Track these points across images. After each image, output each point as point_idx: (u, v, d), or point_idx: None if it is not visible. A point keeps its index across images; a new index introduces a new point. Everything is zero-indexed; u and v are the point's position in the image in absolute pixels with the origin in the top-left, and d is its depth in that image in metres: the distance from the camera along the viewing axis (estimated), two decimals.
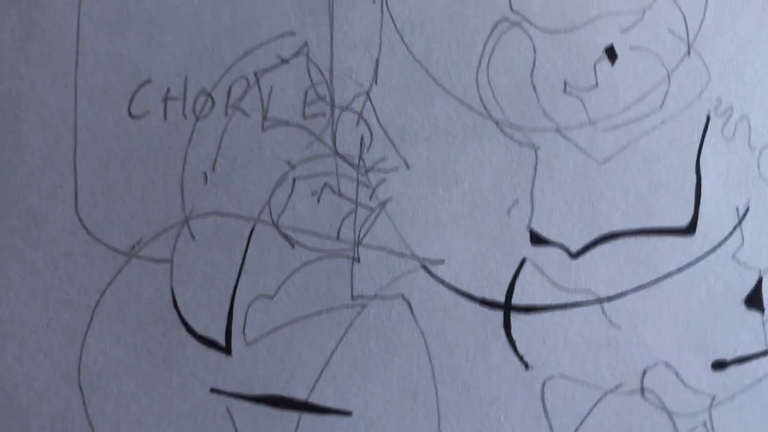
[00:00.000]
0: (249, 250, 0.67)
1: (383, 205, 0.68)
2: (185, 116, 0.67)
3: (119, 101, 0.66)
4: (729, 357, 0.69)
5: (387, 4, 0.69)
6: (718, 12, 0.70)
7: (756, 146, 0.70)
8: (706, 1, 0.71)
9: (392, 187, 0.68)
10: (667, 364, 0.68)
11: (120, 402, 0.66)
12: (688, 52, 0.70)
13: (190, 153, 0.67)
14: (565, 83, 0.69)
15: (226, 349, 0.66)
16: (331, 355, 0.67)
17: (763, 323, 0.69)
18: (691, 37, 0.70)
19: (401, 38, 0.69)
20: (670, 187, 0.69)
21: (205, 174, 0.67)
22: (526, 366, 0.68)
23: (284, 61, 0.68)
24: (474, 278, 0.68)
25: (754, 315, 0.69)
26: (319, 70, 0.68)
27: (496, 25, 0.69)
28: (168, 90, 0.67)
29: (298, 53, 0.68)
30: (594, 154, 0.69)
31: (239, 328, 0.66)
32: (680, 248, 0.69)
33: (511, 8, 0.69)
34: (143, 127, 0.66)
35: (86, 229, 0.66)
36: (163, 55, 0.66)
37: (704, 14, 0.71)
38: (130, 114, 0.66)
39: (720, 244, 0.69)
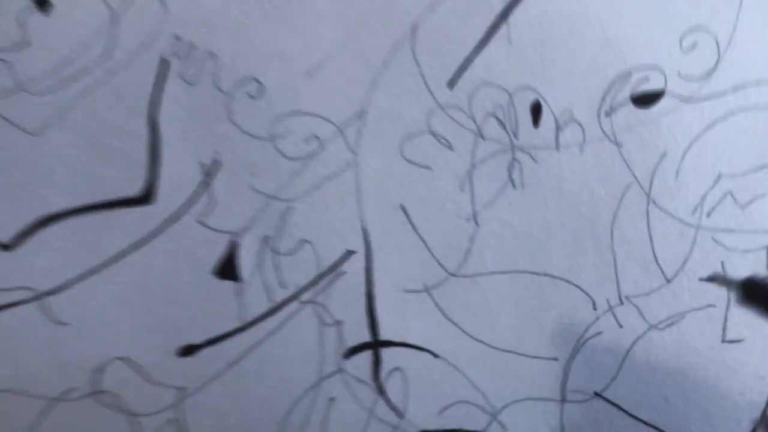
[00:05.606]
0: None
1: None
2: None
3: None
4: (199, 340, 0.60)
5: None
6: None
7: (225, 87, 0.59)
8: None
9: None
10: (125, 359, 0.59)
11: None
12: None
13: None
14: None
15: None
16: None
17: (236, 295, 0.60)
18: None
19: None
20: (121, 151, 0.59)
21: None
22: None
23: None
24: None
25: (227, 286, 0.60)
26: None
27: None
28: None
29: None
30: (25, 124, 0.59)
31: None
32: (136, 221, 0.59)
33: None
34: None
35: None
36: None
37: None
38: None
39: (183, 209, 0.59)
